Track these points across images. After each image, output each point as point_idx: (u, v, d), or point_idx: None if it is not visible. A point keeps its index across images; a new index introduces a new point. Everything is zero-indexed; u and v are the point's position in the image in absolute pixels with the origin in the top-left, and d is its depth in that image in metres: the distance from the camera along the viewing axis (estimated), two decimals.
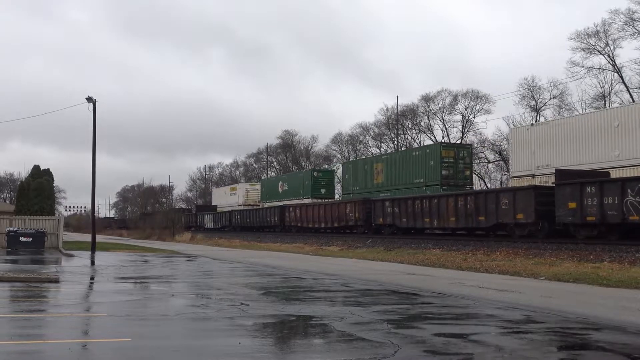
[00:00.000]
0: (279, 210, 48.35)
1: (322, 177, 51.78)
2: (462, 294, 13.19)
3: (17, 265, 21.45)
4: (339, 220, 38.03)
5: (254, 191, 63.27)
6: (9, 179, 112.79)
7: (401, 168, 37.62)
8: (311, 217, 41.81)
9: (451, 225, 28.04)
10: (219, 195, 72.76)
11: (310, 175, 51.49)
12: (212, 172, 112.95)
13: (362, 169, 42.85)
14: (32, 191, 43.25)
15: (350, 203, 37.48)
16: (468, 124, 64.68)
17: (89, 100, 31.47)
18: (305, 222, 42.59)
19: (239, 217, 57.78)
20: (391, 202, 32.51)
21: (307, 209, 42.78)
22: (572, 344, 7.79)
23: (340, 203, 39.49)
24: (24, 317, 9.68)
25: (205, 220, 68.22)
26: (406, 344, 7.44)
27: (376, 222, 33.88)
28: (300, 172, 58.29)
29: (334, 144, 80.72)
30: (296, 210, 44.64)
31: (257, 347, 7.26)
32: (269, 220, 50.11)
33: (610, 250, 19.63)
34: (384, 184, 39.13)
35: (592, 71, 48.56)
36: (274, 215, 49.21)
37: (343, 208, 37.75)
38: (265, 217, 51.19)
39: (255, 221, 53.70)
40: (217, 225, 64.81)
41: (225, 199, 68.23)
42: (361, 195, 39.73)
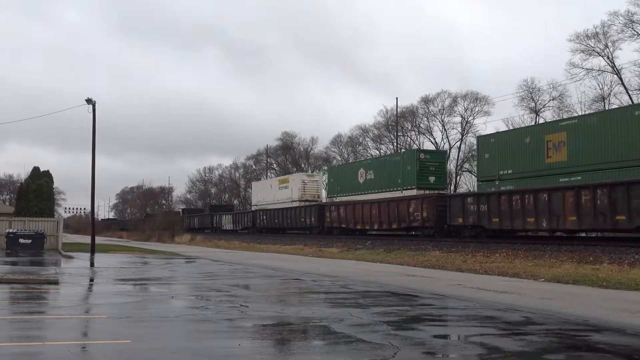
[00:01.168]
0: (316, 209, 42.29)
1: (430, 161, 36.58)
2: (461, 296, 13.19)
3: (17, 266, 21.44)
4: (400, 221, 32.04)
5: (312, 183, 52.22)
6: (9, 180, 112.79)
7: None
8: (360, 217, 35.69)
9: (569, 226, 22.50)
10: (261, 189, 59.35)
11: (414, 157, 36.74)
12: (211, 174, 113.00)
13: None
14: (31, 193, 43.28)
15: (415, 200, 31.09)
16: (467, 125, 64.75)
17: (89, 102, 31.48)
18: (352, 223, 36.69)
19: (265, 217, 51.95)
20: (475, 197, 26.81)
21: (356, 208, 36.44)
22: (572, 346, 7.79)
23: (401, 200, 32.58)
24: (24, 319, 9.67)
25: (222, 221, 62.58)
26: (405, 345, 7.44)
27: (453, 222, 28.12)
28: (397, 154, 44.07)
29: (334, 146, 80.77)
30: (340, 209, 38.55)
31: (256, 348, 7.26)
32: (304, 221, 43.84)
33: (609, 252, 19.65)
34: None
35: (592, 73, 48.62)
36: (310, 214, 42.98)
37: (405, 206, 31.52)
38: (298, 217, 44.96)
39: (285, 222, 47.57)
40: (237, 226, 58.91)
41: (270, 194, 55.73)
42: None
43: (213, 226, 64.66)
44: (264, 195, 57.20)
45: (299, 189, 50.58)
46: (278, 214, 49.08)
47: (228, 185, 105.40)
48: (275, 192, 54.81)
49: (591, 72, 48.47)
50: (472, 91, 64.54)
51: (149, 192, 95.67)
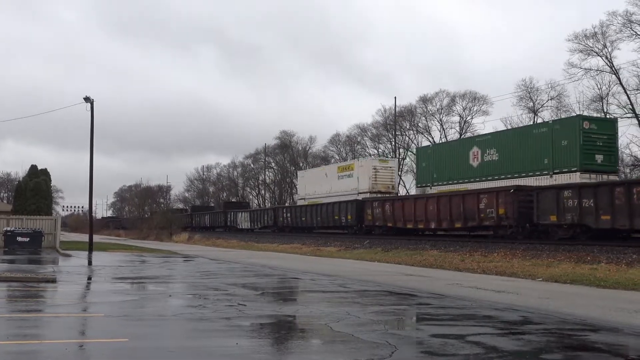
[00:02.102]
0: (354, 205, 36.93)
1: (596, 132, 27.70)
2: (459, 295, 13.20)
3: (14, 265, 21.41)
4: (466, 219, 27.27)
5: (386, 171, 42.28)
6: (6, 178, 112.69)
7: None
8: (412, 215, 30.86)
9: None
10: (312, 180, 49.55)
11: (574, 127, 27.59)
12: (209, 173, 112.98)
13: None
14: (29, 191, 43.20)
15: (488, 193, 26.38)
16: (466, 125, 64.79)
17: (87, 100, 31.42)
18: (401, 222, 31.82)
19: (289, 215, 46.56)
20: (576, 190, 22.13)
21: (406, 204, 31.80)
22: (569, 345, 7.79)
23: (468, 194, 28.09)
24: (21, 317, 9.66)
25: (238, 219, 57.87)
26: (403, 344, 7.44)
27: (542, 219, 23.48)
28: (543, 124, 34.01)
29: (332, 145, 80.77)
30: (385, 205, 33.49)
31: (254, 347, 7.26)
32: (338, 220, 38.70)
33: (607, 252, 19.67)
34: None
35: (590, 73, 48.60)
36: (346, 211, 37.79)
37: (474, 200, 26.68)
38: (331, 214, 39.62)
39: (315, 220, 41.94)
40: (256, 225, 53.82)
41: (325, 185, 46.31)
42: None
43: (227, 225, 60.83)
44: (315, 187, 48.07)
45: (369, 177, 41.30)
46: (306, 211, 43.61)
47: (226, 184, 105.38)
48: (332, 182, 45.37)
49: (589, 72, 48.51)
50: (471, 91, 64.73)
51: (147, 190, 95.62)
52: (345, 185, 43.60)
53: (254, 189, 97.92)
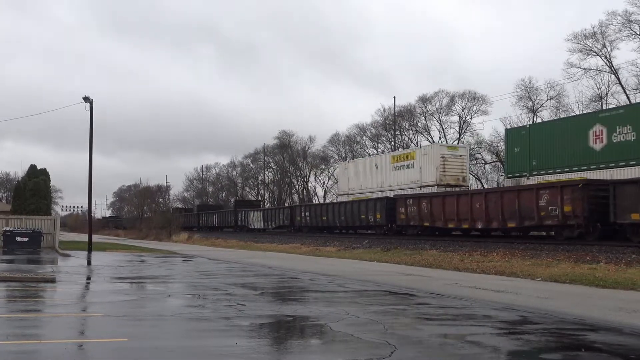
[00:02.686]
0: (384, 203, 33.70)
1: None
2: (458, 295, 13.20)
3: (14, 265, 21.40)
4: (522, 218, 24.30)
5: (456, 160, 36.03)
6: (5, 178, 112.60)
7: None
8: (454, 213, 27.84)
9: None
10: (357, 172, 43.34)
11: None
12: (209, 172, 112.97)
13: None
14: (28, 191, 43.18)
15: (550, 189, 23.23)
16: (465, 125, 64.81)
17: (86, 100, 31.36)
18: (441, 221, 28.83)
19: (308, 214, 43.16)
20: None
21: (447, 200, 28.50)
22: (569, 345, 7.80)
23: (525, 189, 25.11)
24: (20, 317, 9.65)
25: (250, 219, 55.23)
26: (402, 344, 7.44)
27: (622, 218, 20.33)
28: None
29: (331, 145, 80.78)
30: (421, 202, 30.27)
31: (253, 347, 7.26)
32: (365, 219, 35.52)
33: (606, 252, 19.68)
34: None
35: (589, 72, 48.66)
36: (374, 210, 34.53)
37: (531, 197, 23.68)
38: (356, 213, 36.49)
39: (338, 220, 38.62)
40: (269, 225, 51.15)
41: (376, 178, 40.36)
42: None
43: (237, 225, 58.27)
44: (361, 180, 42.19)
45: (435, 167, 35.05)
46: (327, 210, 40.59)
47: (225, 184, 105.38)
48: (384, 174, 39.62)
49: (589, 71, 48.55)
50: (470, 90, 64.71)
51: (146, 190, 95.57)
52: (404, 177, 37.56)
53: (253, 189, 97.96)
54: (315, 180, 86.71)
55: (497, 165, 60.10)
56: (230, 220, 60.99)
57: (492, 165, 61.18)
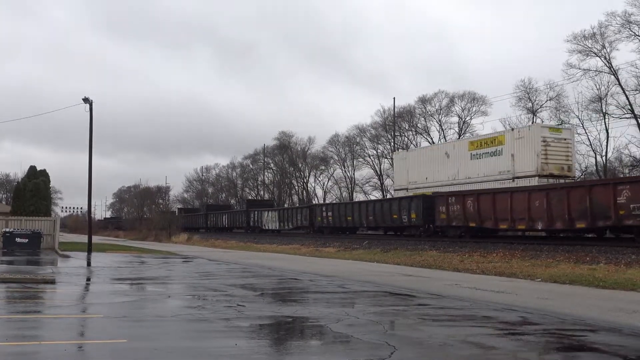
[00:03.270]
0: (421, 201, 31.06)
1: None
2: (458, 296, 13.20)
3: (13, 266, 21.39)
4: (593, 217, 21.36)
5: (560, 144, 29.89)
6: (5, 179, 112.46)
7: None
8: (507, 212, 24.89)
9: None
10: (424, 162, 37.60)
11: None
12: (208, 173, 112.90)
13: None
14: (28, 192, 43.14)
15: (632, 184, 20.39)
16: (465, 125, 64.79)
17: (86, 101, 31.39)
18: (491, 221, 25.94)
19: (330, 213, 40.32)
20: None
21: (498, 198, 25.56)
22: (568, 346, 7.80)
23: (596, 184, 22.55)
24: (20, 318, 9.65)
25: (264, 219, 52.56)
26: (402, 345, 7.44)
27: None
28: None
29: (331, 145, 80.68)
30: (466, 200, 27.31)
31: (253, 348, 7.25)
32: (398, 219, 32.63)
33: (606, 252, 19.69)
34: None
35: (589, 73, 48.54)
36: (409, 209, 31.72)
37: (607, 193, 20.73)
38: (387, 212, 33.74)
39: (365, 219, 35.89)
40: (286, 225, 48.27)
41: (448, 169, 34.99)
42: None
43: (249, 225, 55.67)
44: (425, 172, 36.75)
45: (535, 153, 28.95)
46: (353, 209, 37.70)
47: (225, 184, 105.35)
48: (459, 164, 33.99)
49: (588, 72, 48.46)
50: (470, 91, 64.67)
51: (146, 191, 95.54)
52: (487, 167, 31.86)
53: (253, 190, 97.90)
54: (315, 181, 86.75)
55: None
56: (241, 220, 58.40)
57: None
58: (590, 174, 50.57)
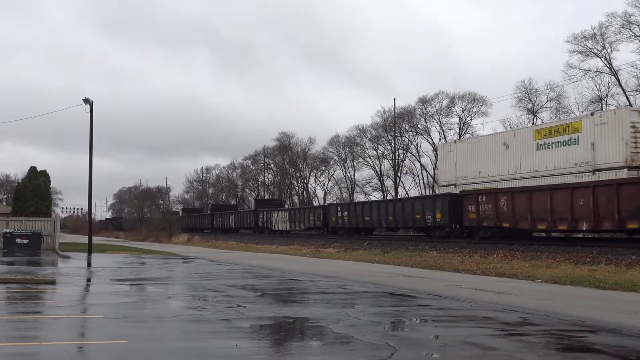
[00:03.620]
0: (447, 200, 29.50)
1: None
2: (459, 296, 13.20)
3: (13, 266, 21.39)
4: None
5: None
6: (6, 180, 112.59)
7: None
8: (546, 211, 23.13)
9: None
10: (478, 154, 33.25)
11: None
12: (209, 174, 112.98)
13: None
14: (28, 192, 43.18)
15: None
16: (465, 126, 64.83)
17: (86, 102, 31.42)
18: (527, 221, 24.20)
19: (346, 213, 38.77)
20: None
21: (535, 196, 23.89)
22: (569, 347, 7.79)
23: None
24: (20, 319, 9.65)
25: (273, 220, 51.15)
26: (403, 346, 7.44)
27: None
28: None
29: (331, 146, 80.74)
30: (499, 199, 25.79)
31: (253, 349, 7.25)
32: (421, 219, 31.13)
33: (606, 253, 19.68)
34: None
35: (589, 74, 48.60)
36: (433, 208, 30.17)
37: None
38: (409, 212, 32.19)
39: (384, 219, 34.42)
40: (297, 226, 46.65)
41: (509, 161, 30.76)
42: None
43: (258, 226, 54.51)
44: (479, 165, 32.78)
45: (624, 141, 24.90)
46: (371, 209, 36.22)
47: (225, 185, 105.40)
48: (524, 155, 30.02)
49: (588, 73, 48.50)
50: (470, 92, 64.74)
51: (146, 192, 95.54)
52: (560, 158, 27.89)
53: (253, 191, 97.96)
54: (315, 182, 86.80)
55: None
56: (249, 221, 56.88)
57: None
58: None
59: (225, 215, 65.25)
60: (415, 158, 69.42)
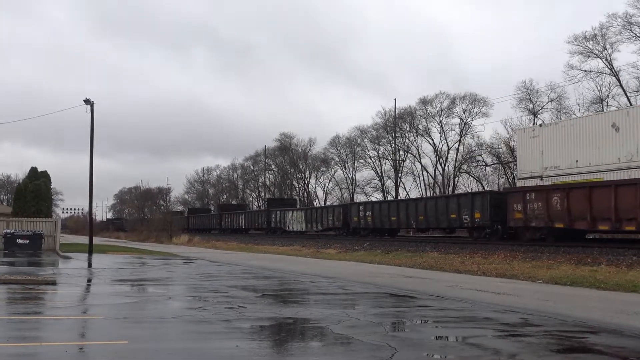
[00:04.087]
0: (488, 198, 27.49)
1: None
2: (459, 297, 13.19)
3: (14, 267, 21.40)
4: None
5: None
6: (6, 180, 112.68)
7: None
8: (610, 210, 20.80)
9: None
10: (574, 136, 28.64)
11: None
12: (209, 175, 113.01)
13: None
14: (29, 193, 43.19)
15: None
16: (466, 127, 64.80)
17: (87, 102, 31.46)
18: (585, 221, 22.02)
19: (369, 213, 36.46)
20: None
21: (597, 193, 21.60)
22: (569, 347, 7.79)
23: None
24: (21, 320, 9.65)
25: (287, 220, 48.69)
26: (403, 347, 7.44)
27: None
28: None
29: (332, 147, 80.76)
30: (551, 196, 23.57)
31: (254, 349, 7.25)
32: (457, 219, 28.90)
33: (607, 254, 19.66)
34: None
35: (590, 74, 48.56)
36: (471, 206, 27.82)
37: None
38: (443, 211, 29.89)
39: (413, 219, 32.35)
40: (315, 227, 43.92)
41: (620, 147, 26.04)
42: None
43: (270, 226, 51.82)
44: (576, 153, 28.32)
45: None
46: (397, 208, 34.12)
47: (226, 186, 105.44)
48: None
49: (589, 73, 48.46)
50: (471, 93, 64.71)
51: (146, 192, 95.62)
52: None
53: (254, 191, 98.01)
54: (316, 182, 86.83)
55: (498, 168, 60.04)
56: (261, 221, 54.20)
57: (494, 167, 61.11)
58: None
59: (234, 216, 62.90)
60: (416, 159, 69.51)
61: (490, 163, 61.43)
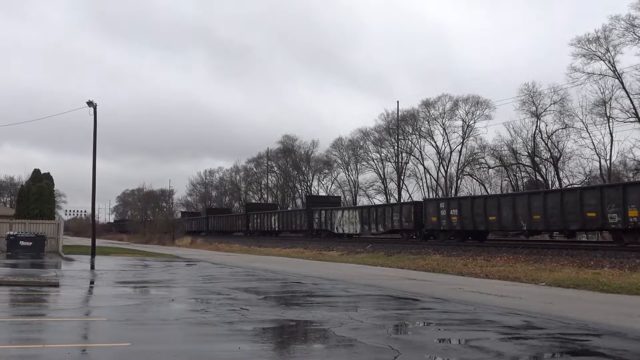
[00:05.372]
0: None
1: None
2: (462, 300, 13.17)
3: (17, 269, 21.43)
4: None
5: None
6: (9, 183, 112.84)
7: None
8: None
9: None
10: None
11: None
12: (212, 177, 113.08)
13: None
14: (32, 195, 43.27)
15: None
16: (469, 129, 64.72)
17: (90, 104, 31.55)
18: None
19: (455, 211, 29.81)
20: None
21: None
22: (572, 350, 7.77)
23: None
24: (24, 322, 9.66)
25: (335, 220, 41.86)
26: (406, 349, 7.43)
27: None
28: None
29: (334, 149, 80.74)
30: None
31: (256, 352, 7.25)
32: (596, 218, 22.69)
33: (610, 257, 19.64)
34: None
35: (593, 77, 48.48)
36: (622, 201, 21.58)
37: None
38: (575, 207, 23.43)
39: (522, 218, 25.96)
40: (372, 229, 37.61)
41: None
42: None
43: (312, 228, 45.23)
44: None
45: None
46: (498, 204, 27.58)
47: (229, 188, 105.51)
48: None
49: (592, 76, 48.40)
50: (474, 95, 64.61)
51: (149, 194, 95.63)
52: None
53: (256, 193, 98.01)
54: (319, 184, 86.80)
55: (501, 170, 59.96)
56: (300, 222, 47.74)
57: (496, 170, 61.03)
58: (594, 178, 50.46)
59: (265, 216, 55.34)
60: (418, 161, 69.44)
61: (492, 165, 61.39)
